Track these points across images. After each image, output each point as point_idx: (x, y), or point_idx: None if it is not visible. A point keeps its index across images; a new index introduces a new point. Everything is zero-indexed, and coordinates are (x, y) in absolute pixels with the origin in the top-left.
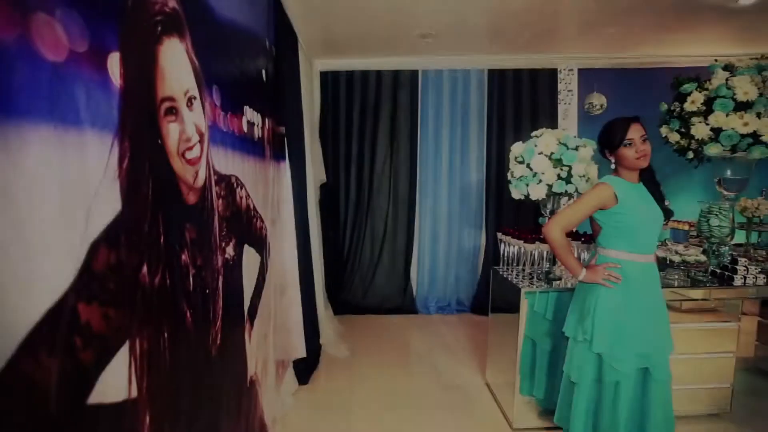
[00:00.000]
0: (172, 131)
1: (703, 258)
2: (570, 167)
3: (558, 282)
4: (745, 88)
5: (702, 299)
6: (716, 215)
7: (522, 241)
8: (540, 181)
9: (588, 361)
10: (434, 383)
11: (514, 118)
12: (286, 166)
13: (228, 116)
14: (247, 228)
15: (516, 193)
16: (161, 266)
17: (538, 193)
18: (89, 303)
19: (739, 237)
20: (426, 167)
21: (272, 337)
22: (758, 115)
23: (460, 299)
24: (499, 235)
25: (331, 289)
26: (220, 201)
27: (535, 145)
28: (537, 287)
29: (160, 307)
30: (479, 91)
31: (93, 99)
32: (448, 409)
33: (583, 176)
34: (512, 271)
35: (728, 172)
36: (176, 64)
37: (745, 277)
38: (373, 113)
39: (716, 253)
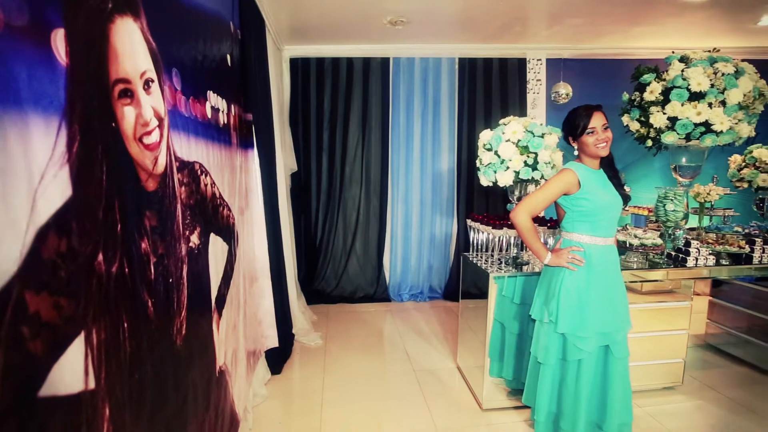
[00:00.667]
0: (127, 114)
1: (659, 241)
2: (536, 154)
3: (526, 266)
4: (698, 80)
5: (657, 280)
6: (671, 200)
7: (490, 227)
8: (507, 167)
9: (553, 341)
10: (407, 369)
11: (484, 107)
12: (254, 154)
13: (190, 101)
14: (213, 216)
15: (484, 180)
16: (119, 254)
17: (505, 179)
18: (38, 292)
19: (694, 221)
20: (398, 155)
21: (242, 327)
22: (710, 105)
23: (433, 286)
24: (469, 221)
25: (304, 279)
26: (183, 188)
27: (503, 133)
28: (505, 272)
29: (119, 296)
30: (450, 79)
31: (36, 78)
32: (420, 393)
33: (549, 163)
34: (481, 257)
35: (683, 160)
36: (130, 45)
37: (696, 259)
38: (344, 101)
39: (672, 236)
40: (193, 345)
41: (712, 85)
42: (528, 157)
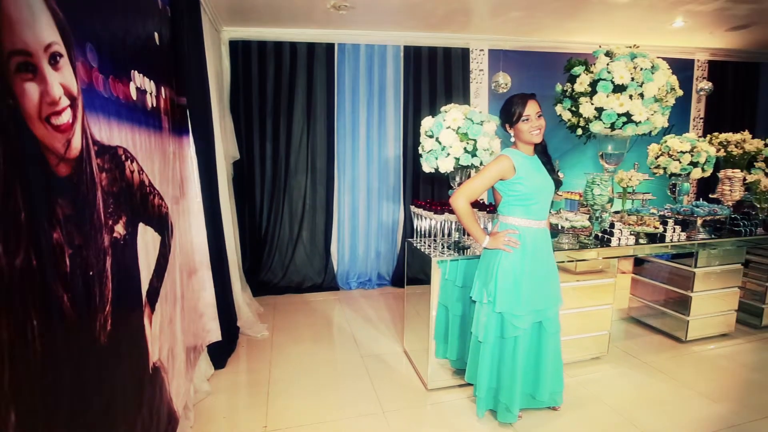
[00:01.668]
0: (29, 91)
1: (587, 223)
2: (475, 141)
3: (467, 250)
4: (620, 73)
5: (584, 260)
6: (598, 185)
7: (432, 213)
8: (448, 154)
9: (491, 320)
10: (354, 355)
11: (429, 95)
12: (189, 141)
13: (110, 80)
14: (142, 205)
15: (426, 167)
16: (23, 245)
17: (446, 166)
18: None
19: (618, 205)
20: (344, 143)
21: (180, 322)
22: (630, 97)
23: (381, 273)
24: (412, 208)
25: (249, 270)
26: (104, 175)
27: (444, 120)
28: (448, 256)
29: (25, 291)
30: (396, 67)
31: None
32: (368, 378)
33: (487, 150)
34: (425, 243)
35: (609, 148)
36: (29, 13)
37: (619, 239)
38: (288, 87)
39: (599, 219)
40: (121, 342)
41: (633, 79)
42: (468, 143)
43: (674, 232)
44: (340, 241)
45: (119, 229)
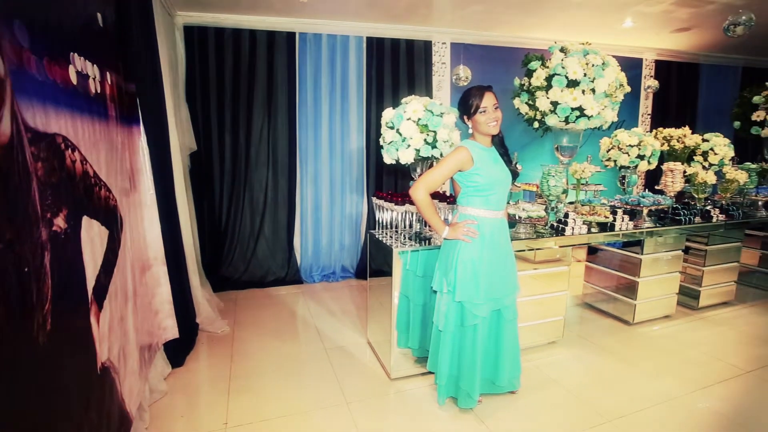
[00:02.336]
0: None
1: (543, 213)
2: (435, 132)
3: (428, 241)
4: (574, 69)
5: (539, 249)
6: (553, 176)
7: (393, 204)
8: (408, 145)
9: (452, 309)
10: (318, 348)
11: (392, 87)
12: (140, 130)
13: (45, 63)
14: (86, 197)
15: (387, 158)
16: None
17: (407, 157)
18: None
19: (573, 196)
20: (306, 134)
21: (132, 319)
22: (583, 92)
23: (345, 266)
24: (374, 199)
25: (209, 265)
26: (40, 164)
27: (404, 111)
28: (409, 247)
29: None
30: (358, 59)
31: None
32: (332, 370)
33: (447, 141)
34: (387, 234)
35: (564, 141)
36: None
37: (573, 228)
38: (248, 76)
39: (555, 209)
40: (64, 341)
41: (585, 75)
42: (428, 135)
43: (623, 221)
44: (303, 234)
45: (59, 222)
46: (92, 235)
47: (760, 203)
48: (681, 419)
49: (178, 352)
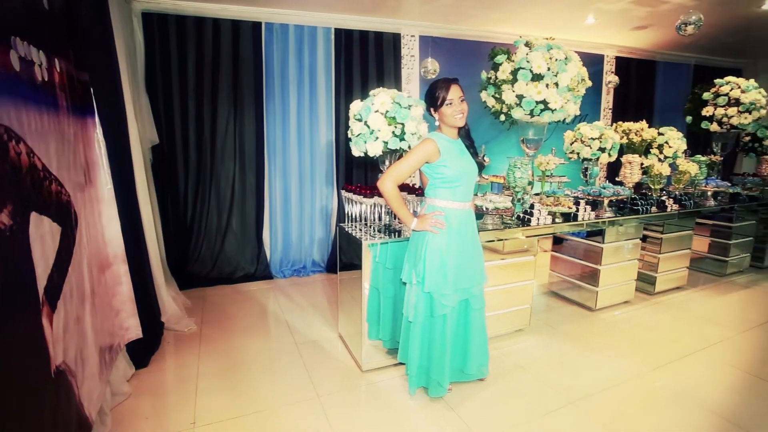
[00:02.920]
0: None
1: (509, 204)
2: (403, 125)
3: (397, 233)
4: (538, 63)
5: (505, 239)
6: (519, 168)
7: (362, 197)
8: (377, 138)
9: (421, 300)
10: (289, 343)
11: (361, 80)
12: (95, 122)
13: None
14: (34, 192)
15: (356, 151)
16: None
17: (375, 149)
18: None
19: (538, 187)
20: (273, 127)
21: (91, 320)
22: (547, 86)
23: (316, 260)
24: (343, 192)
25: (175, 262)
26: None
27: (372, 104)
28: (378, 239)
29: None
30: (326, 51)
31: None
32: (303, 364)
33: (415, 134)
34: (356, 227)
35: (530, 133)
36: None
37: (538, 219)
38: (212, 66)
39: (521, 200)
40: (12, 344)
41: (549, 69)
42: (396, 127)
43: (585, 211)
44: (273, 229)
45: (3, 218)
46: (42, 232)
47: (709, 194)
48: (640, 397)
49: (142, 352)
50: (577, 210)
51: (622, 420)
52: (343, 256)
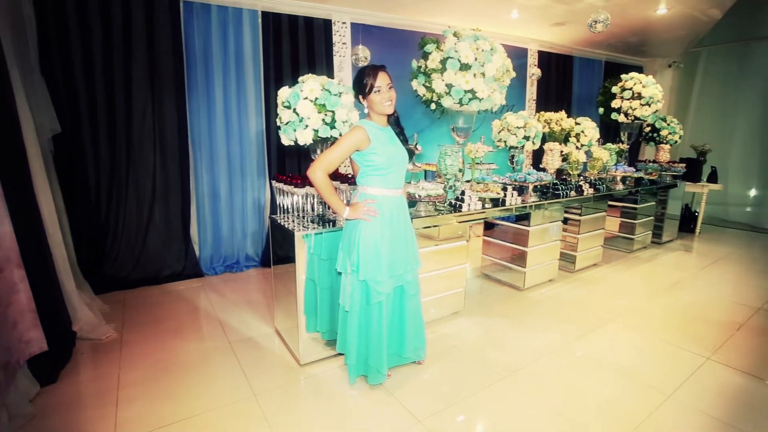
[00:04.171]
0: None
1: (441, 191)
2: (334, 112)
3: (331, 223)
4: (465, 53)
5: (436, 225)
6: (449, 156)
7: (293, 187)
8: (306, 126)
9: (357, 289)
10: (222, 342)
11: (291, 66)
12: None
13: None
14: None
15: (285, 139)
16: None
17: (305, 138)
18: None
19: (469, 175)
20: (198, 115)
21: None
22: (474, 76)
23: (249, 255)
24: (274, 183)
25: (88, 264)
26: None
27: (301, 90)
28: (312, 230)
29: None
30: (253, 34)
31: None
32: (237, 363)
33: (346, 121)
34: (289, 218)
35: (460, 122)
36: None
37: (469, 205)
38: (122, 46)
39: (452, 187)
40: None
41: (476, 59)
42: (326, 115)
43: (512, 197)
44: (201, 224)
45: None
46: None
47: (618, 178)
48: (564, 366)
49: (49, 367)
50: (505, 195)
51: (550, 388)
52: (278, 249)
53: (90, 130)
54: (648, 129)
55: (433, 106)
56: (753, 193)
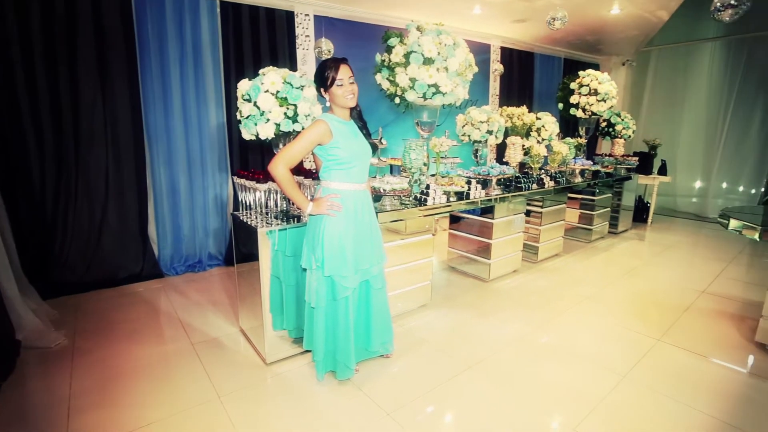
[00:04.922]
0: None
1: (406, 185)
2: (296, 106)
3: (295, 219)
4: (428, 47)
5: (400, 219)
6: (414, 150)
7: (254, 182)
8: (268, 120)
9: (322, 285)
10: (184, 345)
11: (253, 59)
12: None
13: None
14: None
15: (246, 134)
16: None
17: (266, 132)
18: None
19: (434, 169)
20: (153, 108)
21: None
22: (437, 70)
23: (212, 253)
24: (235, 179)
25: (33, 268)
26: None
27: (261, 83)
28: (276, 226)
29: None
30: (211, 24)
31: None
32: (201, 365)
33: (309, 115)
34: (252, 215)
35: (424, 116)
36: None
37: (434, 198)
38: (66, 33)
39: (417, 181)
40: None
41: (439, 53)
42: (288, 108)
43: (476, 190)
44: (160, 222)
45: None
46: None
47: (577, 171)
48: (528, 354)
49: None
50: (470, 189)
51: (515, 375)
52: (242, 247)
53: (32, 123)
54: (604, 124)
55: (397, 100)
56: (698, 184)
